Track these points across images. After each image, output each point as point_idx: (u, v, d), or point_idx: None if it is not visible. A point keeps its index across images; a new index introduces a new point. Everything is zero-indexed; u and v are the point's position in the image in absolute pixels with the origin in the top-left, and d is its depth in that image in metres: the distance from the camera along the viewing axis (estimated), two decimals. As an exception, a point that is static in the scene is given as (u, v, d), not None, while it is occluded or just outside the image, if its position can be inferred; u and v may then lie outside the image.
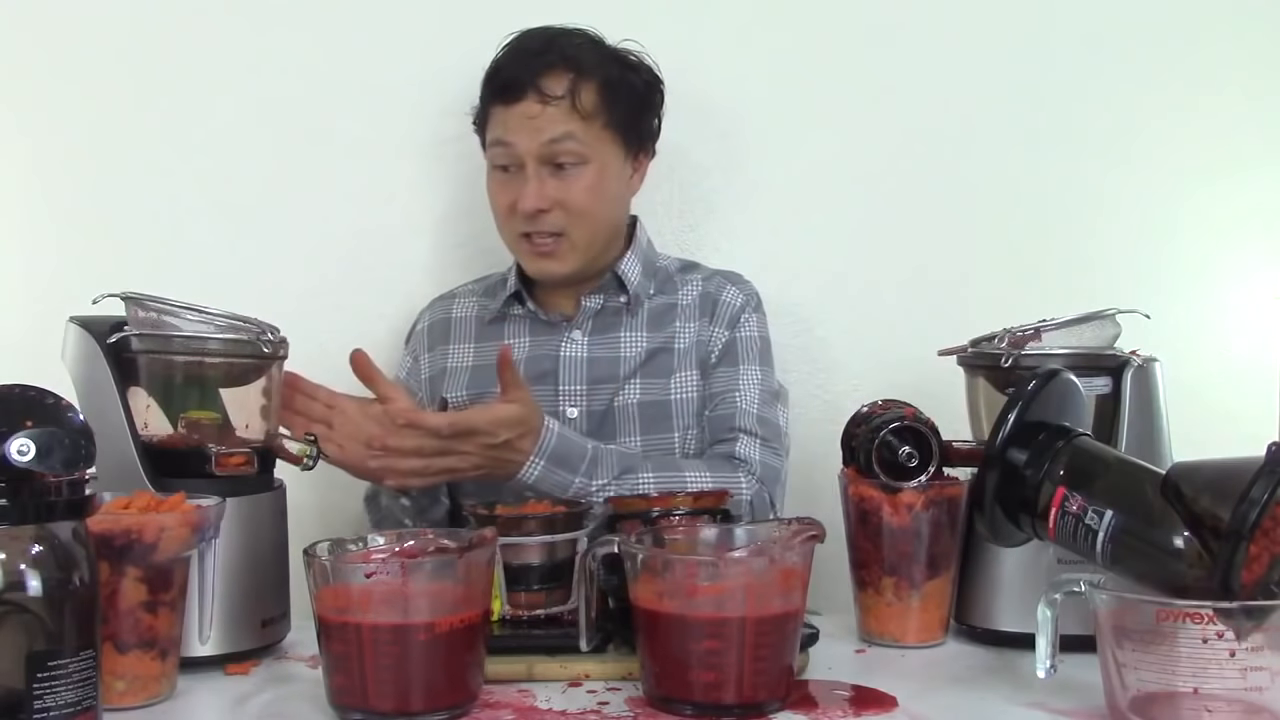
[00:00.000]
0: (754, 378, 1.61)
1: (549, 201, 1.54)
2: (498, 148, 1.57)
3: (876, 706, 1.04)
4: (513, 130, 1.55)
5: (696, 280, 1.68)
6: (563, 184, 1.55)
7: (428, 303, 1.73)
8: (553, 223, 1.55)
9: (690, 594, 1.00)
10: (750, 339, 1.63)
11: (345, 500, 1.72)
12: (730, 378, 1.60)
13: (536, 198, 1.54)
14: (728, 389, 1.60)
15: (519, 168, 1.56)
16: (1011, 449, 1.07)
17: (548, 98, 1.54)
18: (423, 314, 1.72)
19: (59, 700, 0.88)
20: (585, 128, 1.55)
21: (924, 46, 1.87)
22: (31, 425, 0.88)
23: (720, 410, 1.59)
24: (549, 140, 1.54)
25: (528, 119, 1.54)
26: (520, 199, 1.55)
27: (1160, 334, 1.38)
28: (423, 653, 0.98)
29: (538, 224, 1.56)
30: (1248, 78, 1.89)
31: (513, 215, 1.57)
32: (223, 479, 1.18)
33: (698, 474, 1.48)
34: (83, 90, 1.79)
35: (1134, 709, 0.95)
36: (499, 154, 1.58)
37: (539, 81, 1.54)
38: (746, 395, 1.59)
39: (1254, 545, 0.91)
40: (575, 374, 1.60)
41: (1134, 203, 1.89)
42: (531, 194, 1.54)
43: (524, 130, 1.54)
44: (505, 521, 1.16)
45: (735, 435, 1.56)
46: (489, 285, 1.70)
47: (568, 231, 1.56)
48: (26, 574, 0.88)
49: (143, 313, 1.21)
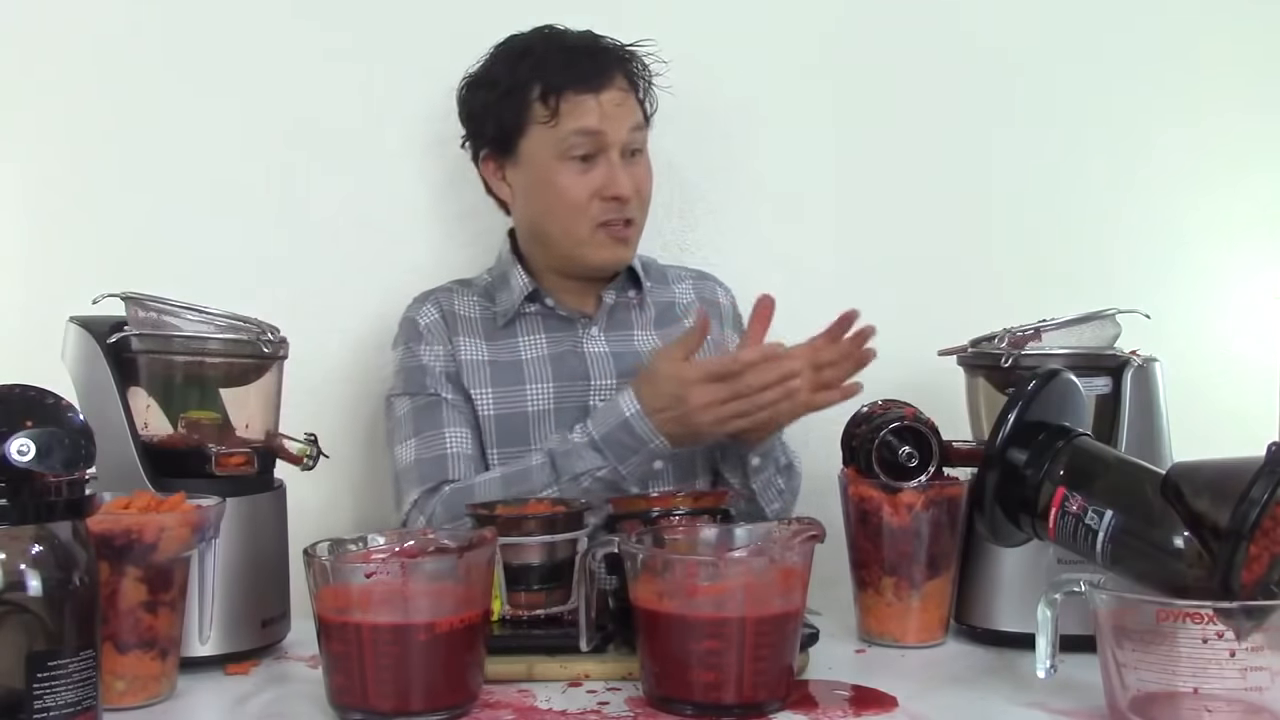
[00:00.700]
0: None
1: (632, 189, 1.57)
2: (580, 136, 1.55)
3: (876, 706, 1.04)
4: (606, 117, 1.55)
5: (685, 279, 1.72)
6: (637, 171, 1.59)
7: (410, 302, 1.68)
8: (630, 210, 1.58)
9: (690, 594, 1.00)
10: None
11: (345, 500, 1.72)
12: None
13: (630, 184, 1.56)
14: None
15: (600, 154, 1.56)
16: (1011, 449, 1.07)
17: (628, 85, 1.59)
18: (418, 308, 1.65)
19: (59, 700, 0.88)
20: (644, 117, 1.61)
21: (925, 48, 1.87)
22: (31, 425, 0.88)
23: None
24: (633, 127, 1.58)
25: (616, 106, 1.56)
26: (610, 185, 1.55)
27: (1160, 334, 1.38)
28: (423, 653, 0.98)
29: (623, 211, 1.57)
30: (1249, 78, 1.89)
31: (590, 204, 1.56)
32: (223, 479, 1.18)
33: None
34: (83, 90, 1.78)
35: (1134, 709, 0.95)
36: (581, 142, 1.56)
37: (623, 69, 1.59)
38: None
39: (1254, 545, 0.91)
40: (604, 369, 1.60)
41: (1135, 203, 1.89)
42: (625, 180, 1.56)
43: (614, 117, 1.56)
44: (505, 521, 1.16)
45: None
46: (483, 287, 1.67)
47: (635, 219, 1.60)
48: (26, 574, 0.89)
49: (143, 313, 1.21)
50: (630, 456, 1.41)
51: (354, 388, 1.80)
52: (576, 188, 1.57)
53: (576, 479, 1.41)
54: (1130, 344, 1.34)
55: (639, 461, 1.41)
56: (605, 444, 1.42)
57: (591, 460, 1.41)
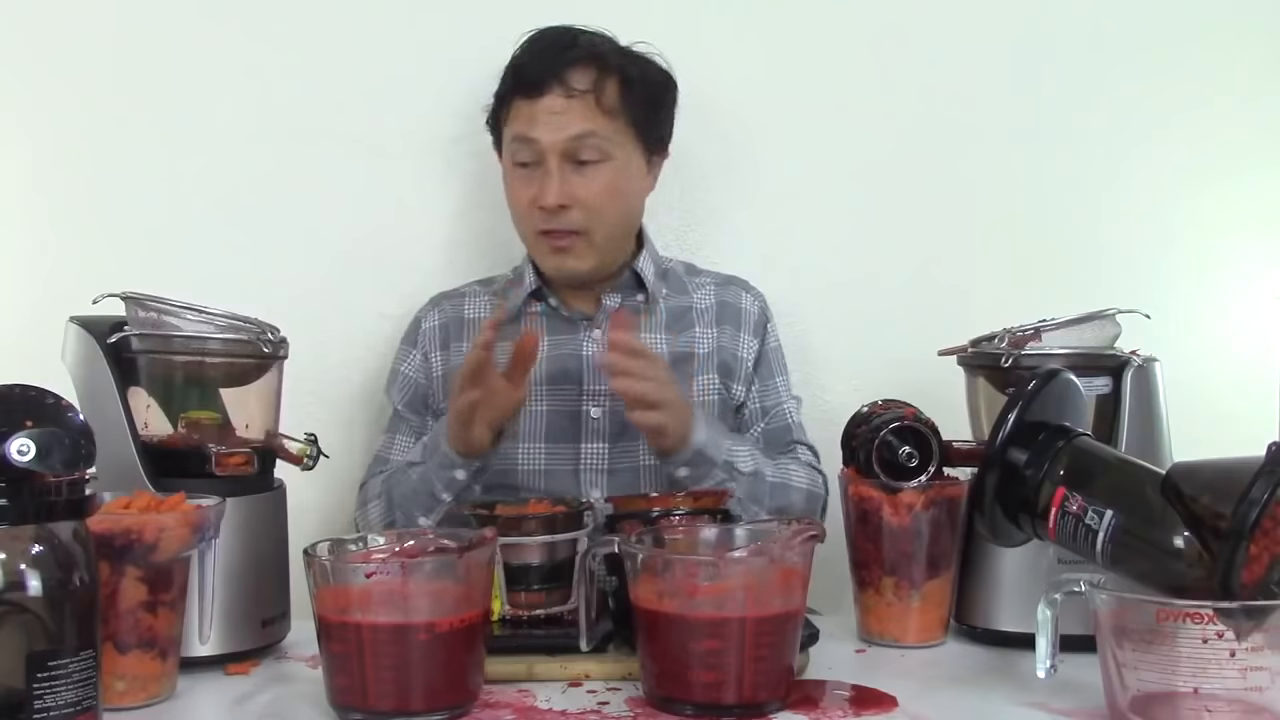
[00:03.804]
0: (786, 387, 1.69)
1: (570, 198, 1.54)
2: (519, 143, 1.56)
3: (876, 706, 1.04)
4: (537, 125, 1.54)
5: (707, 284, 1.70)
6: (584, 181, 1.55)
7: (428, 299, 1.72)
8: (572, 220, 1.55)
9: (690, 594, 1.00)
10: (777, 349, 1.70)
11: (345, 500, 1.72)
12: (772, 390, 1.67)
13: (558, 194, 1.53)
14: (775, 404, 1.66)
15: (539, 163, 1.55)
16: (1011, 449, 1.07)
17: (573, 92, 1.54)
18: (426, 311, 1.69)
19: (59, 700, 0.88)
20: (607, 124, 1.55)
21: (925, 47, 1.87)
22: (31, 425, 0.88)
23: (773, 424, 1.65)
24: (572, 136, 1.53)
25: (552, 114, 1.53)
26: (541, 195, 1.54)
27: (1160, 334, 1.38)
28: (423, 653, 0.98)
29: (557, 221, 1.55)
30: (1248, 78, 1.89)
31: (532, 211, 1.56)
32: (223, 479, 1.18)
33: (791, 465, 1.56)
34: (83, 90, 1.78)
35: (1134, 709, 0.95)
36: (520, 149, 1.56)
37: (564, 76, 1.54)
38: (788, 407, 1.67)
39: (1254, 545, 0.91)
40: (599, 374, 1.58)
41: (1134, 203, 1.89)
42: (553, 190, 1.53)
43: (548, 125, 1.53)
44: (505, 521, 1.16)
45: (794, 447, 1.63)
46: (498, 285, 1.70)
47: (586, 229, 1.56)
48: (26, 574, 0.88)
49: (143, 313, 1.21)
50: (431, 457, 1.46)
51: (354, 388, 1.80)
52: (518, 194, 1.59)
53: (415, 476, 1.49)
54: (1130, 344, 1.34)
55: (437, 464, 1.45)
56: (425, 447, 1.49)
57: (415, 454, 1.51)
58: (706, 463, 1.43)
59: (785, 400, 1.67)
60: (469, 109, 1.72)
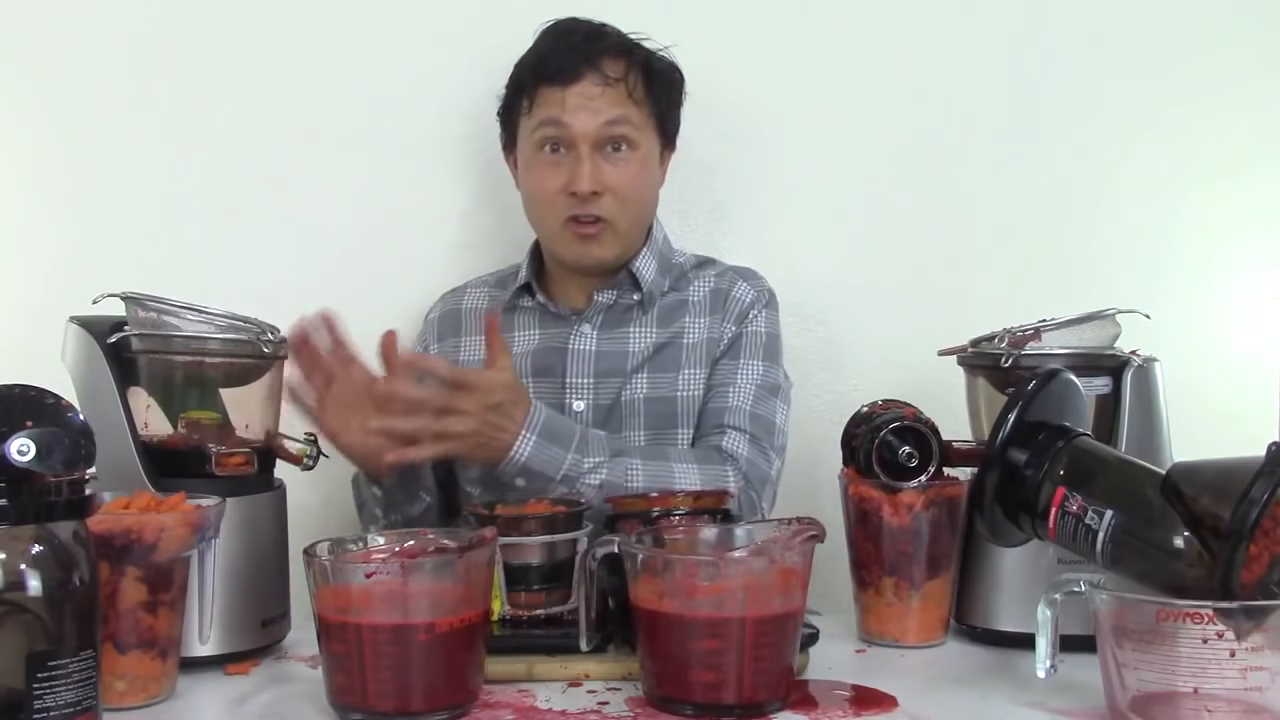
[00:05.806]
0: (753, 373, 1.59)
1: (602, 185, 1.54)
2: (549, 128, 1.55)
3: (876, 706, 1.04)
4: (570, 110, 1.53)
5: (709, 276, 1.67)
6: (614, 169, 1.55)
7: (438, 298, 1.73)
8: (602, 207, 1.54)
9: (690, 594, 1.00)
10: (756, 334, 1.61)
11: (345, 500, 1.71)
12: (729, 372, 1.59)
13: (591, 180, 1.53)
14: (724, 382, 1.58)
15: (569, 149, 1.54)
16: (1011, 449, 1.07)
17: (608, 79, 1.54)
18: (436, 305, 1.71)
19: (59, 700, 0.88)
20: (636, 113, 1.56)
21: (926, 47, 1.87)
22: (31, 425, 0.88)
23: (713, 404, 1.57)
24: (607, 121, 1.54)
25: (587, 99, 1.53)
26: (574, 180, 1.53)
27: (1160, 334, 1.38)
28: (423, 653, 0.98)
29: (587, 207, 1.54)
30: (1247, 77, 1.88)
31: (558, 198, 1.55)
32: (223, 479, 1.18)
33: (685, 465, 1.47)
34: (83, 90, 1.78)
35: (1134, 709, 0.95)
36: (549, 134, 1.55)
37: (598, 63, 1.54)
38: (742, 390, 1.57)
39: (1254, 545, 0.91)
40: (582, 366, 1.58)
41: (1134, 202, 1.88)
42: (586, 175, 1.53)
43: (582, 110, 1.53)
44: (505, 521, 1.16)
45: (723, 430, 1.54)
46: (501, 277, 1.71)
47: (613, 218, 1.55)
48: (26, 574, 0.89)
49: (143, 313, 1.21)
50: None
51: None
52: (547, 180, 1.57)
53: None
54: (1130, 344, 1.34)
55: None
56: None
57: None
58: (539, 478, 1.39)
59: (741, 383, 1.57)
60: (471, 109, 1.72)
